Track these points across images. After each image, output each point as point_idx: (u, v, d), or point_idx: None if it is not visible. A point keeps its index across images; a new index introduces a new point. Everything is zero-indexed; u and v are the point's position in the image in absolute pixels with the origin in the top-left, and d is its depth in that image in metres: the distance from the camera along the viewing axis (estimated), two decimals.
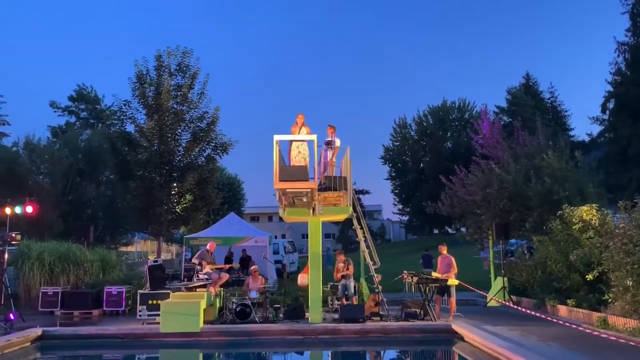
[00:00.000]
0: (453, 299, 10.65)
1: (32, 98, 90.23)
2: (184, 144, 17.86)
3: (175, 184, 17.75)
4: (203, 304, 10.01)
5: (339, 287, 11.30)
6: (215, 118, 18.04)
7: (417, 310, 10.56)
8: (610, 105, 31.63)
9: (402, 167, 59.11)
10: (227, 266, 12.84)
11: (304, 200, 9.96)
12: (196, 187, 17.92)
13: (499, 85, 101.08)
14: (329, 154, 10.56)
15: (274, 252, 20.69)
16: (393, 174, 61.65)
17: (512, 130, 17.08)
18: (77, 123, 34.94)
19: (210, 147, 18.09)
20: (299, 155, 9.50)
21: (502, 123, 23.87)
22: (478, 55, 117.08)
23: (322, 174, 10.49)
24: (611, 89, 31.26)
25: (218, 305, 11.25)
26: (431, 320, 10.12)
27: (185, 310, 9.62)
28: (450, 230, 52.93)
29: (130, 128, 17.86)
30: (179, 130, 17.76)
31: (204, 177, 18.03)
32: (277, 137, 9.25)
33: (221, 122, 18.97)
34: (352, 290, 11.16)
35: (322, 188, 10.11)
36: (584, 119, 61.67)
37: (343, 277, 11.20)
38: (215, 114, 18.07)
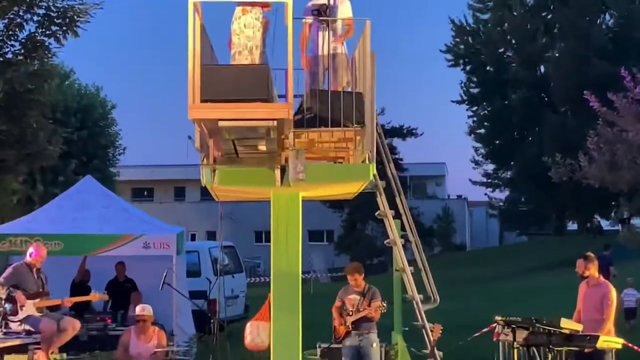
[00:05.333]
0: None
1: None
2: None
3: None
4: None
5: (345, 352, 11.59)
6: None
7: None
8: None
9: (495, 73, 59.40)
10: (77, 300, 12.98)
11: (261, 147, 9.89)
12: (1, 112, 17.91)
13: None
14: (327, 36, 10.45)
15: (190, 272, 20.73)
16: (472, 91, 61.83)
17: None
18: None
19: (38, 16, 18.24)
20: (247, 42, 9.33)
21: None
22: None
23: (308, 84, 10.50)
24: None
25: None
26: None
27: None
28: (605, 224, 53.44)
29: None
30: None
31: (19, 90, 18.12)
32: None
33: None
34: None
35: (307, 119, 10.05)
36: None
37: (354, 328, 11.47)
38: None
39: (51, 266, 13.14)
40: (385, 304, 11.83)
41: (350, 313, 11.53)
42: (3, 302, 11.11)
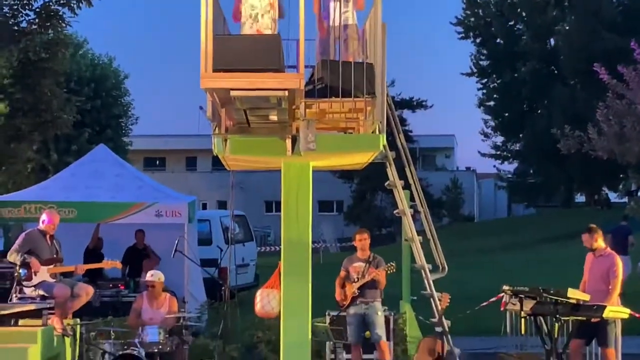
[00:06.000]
0: (612, 352, 10.91)
1: None
2: None
3: None
4: (35, 355, 10.13)
5: (350, 320, 11.72)
6: None
7: None
8: None
9: (505, 45, 59.05)
10: (90, 268, 13.30)
11: (273, 117, 9.90)
12: (16, 81, 17.94)
13: None
14: (338, 7, 10.40)
15: (202, 240, 20.83)
16: (482, 63, 61.50)
17: None
18: None
19: None
20: (251, 11, 9.27)
21: None
22: None
23: (319, 54, 10.51)
24: None
25: (70, 357, 11.47)
26: None
27: None
28: (612, 196, 53.35)
29: None
30: None
31: (34, 59, 18.12)
32: None
33: None
34: (381, 329, 11.56)
35: (318, 89, 10.04)
36: None
37: (360, 294, 11.57)
38: None
39: (65, 233, 13.20)
40: (393, 264, 11.88)
41: (356, 280, 11.59)
42: (18, 267, 11.19)
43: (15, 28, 18.06)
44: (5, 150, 18.56)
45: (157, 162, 68.07)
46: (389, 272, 11.87)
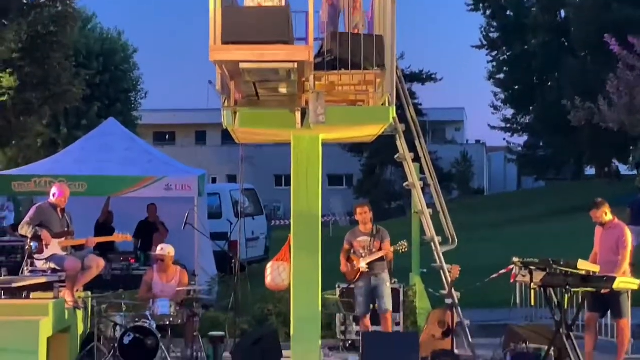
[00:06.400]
0: (626, 322, 10.94)
1: None
2: None
3: None
4: (46, 328, 10.19)
5: (358, 292, 11.75)
6: None
7: (541, 348, 10.77)
8: None
9: (515, 17, 58.72)
10: (101, 240, 13.34)
11: (282, 89, 9.88)
12: (25, 54, 17.94)
13: None
14: None
15: (212, 214, 20.88)
16: (492, 36, 61.17)
17: None
18: None
19: None
20: None
21: None
22: None
23: (326, 28, 10.47)
24: None
25: (81, 330, 11.56)
26: None
27: (6, 342, 9.78)
28: (623, 169, 53.08)
29: None
30: None
31: (42, 32, 18.13)
32: None
33: None
34: (389, 299, 11.64)
35: (327, 61, 10.01)
36: None
37: (368, 269, 11.58)
38: None
39: (75, 207, 13.22)
40: (405, 243, 11.91)
41: (363, 255, 11.62)
42: (29, 240, 11.22)
43: (24, 1, 18.08)
44: (15, 124, 18.56)
45: (167, 136, 68.03)
46: (400, 251, 11.91)
